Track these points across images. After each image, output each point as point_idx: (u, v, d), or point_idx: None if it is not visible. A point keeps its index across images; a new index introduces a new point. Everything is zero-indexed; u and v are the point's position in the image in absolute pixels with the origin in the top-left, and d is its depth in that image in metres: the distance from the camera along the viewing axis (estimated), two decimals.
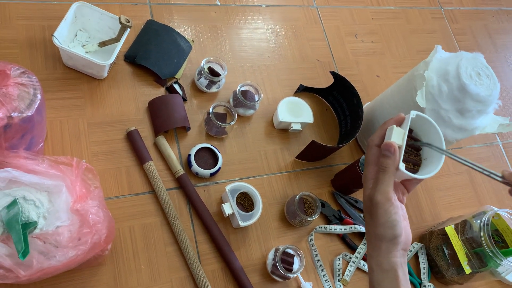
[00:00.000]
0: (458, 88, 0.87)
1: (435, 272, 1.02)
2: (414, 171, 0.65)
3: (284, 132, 1.07)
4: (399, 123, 0.65)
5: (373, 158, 0.64)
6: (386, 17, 1.38)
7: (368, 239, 0.65)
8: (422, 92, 0.90)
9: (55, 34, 0.86)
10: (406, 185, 0.67)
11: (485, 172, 0.56)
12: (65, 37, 0.92)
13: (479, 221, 0.93)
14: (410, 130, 0.67)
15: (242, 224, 0.86)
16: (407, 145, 0.64)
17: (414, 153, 0.66)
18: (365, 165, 0.66)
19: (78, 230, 0.71)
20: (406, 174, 0.61)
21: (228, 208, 0.88)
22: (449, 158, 0.60)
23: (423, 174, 0.64)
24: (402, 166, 0.61)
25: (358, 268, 0.97)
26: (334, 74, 1.07)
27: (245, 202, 0.92)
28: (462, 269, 0.95)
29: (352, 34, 1.29)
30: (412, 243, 1.03)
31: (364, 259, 0.98)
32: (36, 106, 0.72)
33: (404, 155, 0.63)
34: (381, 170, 0.62)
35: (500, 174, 0.56)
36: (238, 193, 0.90)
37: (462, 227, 0.97)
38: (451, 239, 0.97)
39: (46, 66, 0.94)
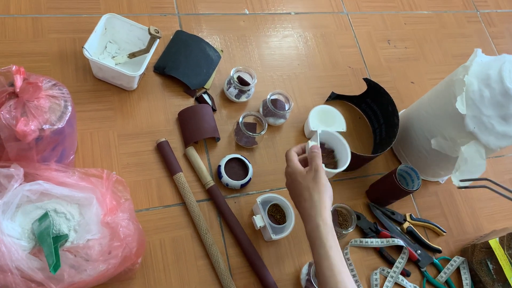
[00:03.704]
0: (501, 92, 0.83)
1: None
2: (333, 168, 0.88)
3: None
4: (301, 151, 0.82)
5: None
6: (420, 21, 1.34)
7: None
8: (462, 98, 0.85)
9: (85, 46, 0.87)
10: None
11: None
12: (95, 49, 0.93)
13: None
14: (322, 144, 0.89)
15: (274, 237, 0.84)
16: (323, 151, 0.90)
17: (331, 155, 0.91)
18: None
19: (109, 244, 0.70)
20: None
21: (260, 220, 0.85)
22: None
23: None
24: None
25: (396, 283, 0.93)
26: (367, 80, 1.04)
27: (277, 214, 0.89)
28: (509, 285, 0.90)
29: (384, 40, 1.26)
30: (453, 257, 0.98)
31: (403, 273, 0.93)
32: (67, 118, 0.71)
33: (323, 159, 0.80)
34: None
35: None
36: (269, 204, 0.88)
37: (508, 240, 0.92)
38: (496, 253, 0.92)
39: (77, 78, 0.94)
